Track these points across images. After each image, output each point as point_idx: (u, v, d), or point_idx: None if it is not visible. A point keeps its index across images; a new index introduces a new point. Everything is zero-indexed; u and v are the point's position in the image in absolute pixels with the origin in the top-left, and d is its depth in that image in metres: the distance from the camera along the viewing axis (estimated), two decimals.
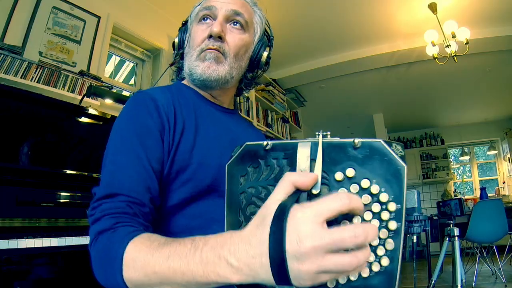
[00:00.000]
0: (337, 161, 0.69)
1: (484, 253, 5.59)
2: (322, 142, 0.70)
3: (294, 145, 0.72)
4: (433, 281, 2.99)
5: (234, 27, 1.23)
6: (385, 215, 0.66)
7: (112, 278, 0.76)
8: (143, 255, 0.73)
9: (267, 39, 1.37)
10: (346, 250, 0.55)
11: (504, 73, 6.99)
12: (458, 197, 7.78)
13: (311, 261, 0.53)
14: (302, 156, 0.70)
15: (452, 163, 10.78)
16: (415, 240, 3.49)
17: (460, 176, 10.98)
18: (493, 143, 10.23)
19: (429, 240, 5.45)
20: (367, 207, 0.66)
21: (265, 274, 0.56)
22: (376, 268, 0.67)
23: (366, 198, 0.66)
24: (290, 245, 0.53)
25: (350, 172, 0.68)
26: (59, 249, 1.99)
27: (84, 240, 2.08)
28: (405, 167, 0.66)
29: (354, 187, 0.67)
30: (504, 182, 9.80)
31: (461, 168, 11.12)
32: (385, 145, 0.67)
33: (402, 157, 0.67)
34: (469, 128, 10.31)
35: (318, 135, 0.72)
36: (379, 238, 0.67)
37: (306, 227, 0.53)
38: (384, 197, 0.66)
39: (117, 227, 0.82)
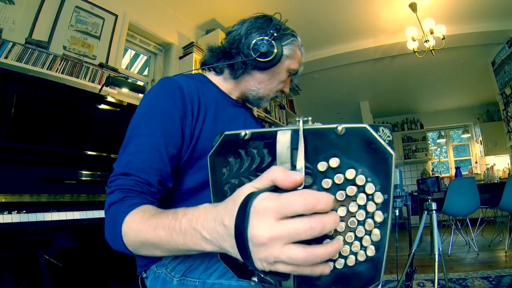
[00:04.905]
0: (320, 149, 0.59)
1: (459, 225, 5.63)
2: (303, 129, 0.59)
3: (273, 133, 0.61)
4: (413, 249, 2.98)
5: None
6: (371, 207, 0.58)
7: (117, 242, 0.82)
8: (136, 225, 0.77)
9: None
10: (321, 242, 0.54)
11: (476, 65, 7.01)
12: (436, 175, 7.80)
13: (269, 250, 0.49)
14: (282, 147, 0.60)
15: (430, 145, 10.74)
16: (397, 214, 3.49)
17: (437, 157, 10.96)
18: (466, 127, 10.19)
19: (409, 214, 5.42)
20: (352, 198, 0.58)
21: (232, 250, 0.55)
22: (361, 257, 0.60)
23: (351, 190, 0.58)
24: (251, 232, 0.50)
25: (334, 161, 0.58)
26: (81, 221, 2.00)
27: (103, 214, 2.08)
28: (393, 154, 0.57)
29: (339, 178, 0.58)
30: (476, 162, 9.79)
31: (438, 149, 11.09)
32: (372, 130, 0.57)
33: (390, 143, 0.57)
34: (445, 114, 10.27)
35: (299, 121, 0.61)
36: (365, 230, 0.59)
37: (264, 219, 0.49)
38: (370, 188, 0.57)
39: (124, 200, 0.87)
